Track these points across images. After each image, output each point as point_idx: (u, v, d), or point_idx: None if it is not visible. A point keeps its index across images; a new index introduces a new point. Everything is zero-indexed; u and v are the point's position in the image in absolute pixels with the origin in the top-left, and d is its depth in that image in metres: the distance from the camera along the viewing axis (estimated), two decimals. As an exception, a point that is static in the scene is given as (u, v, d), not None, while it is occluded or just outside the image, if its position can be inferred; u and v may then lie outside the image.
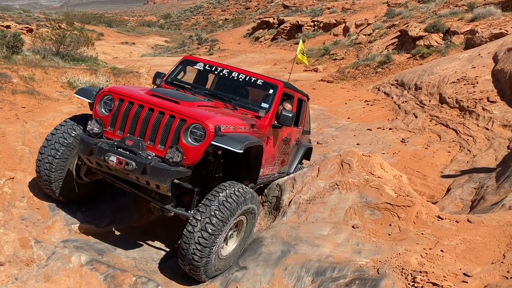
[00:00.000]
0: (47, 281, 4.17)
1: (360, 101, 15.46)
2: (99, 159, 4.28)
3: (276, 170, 6.27)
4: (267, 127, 5.32)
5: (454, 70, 13.82)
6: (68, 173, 4.90)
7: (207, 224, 4.22)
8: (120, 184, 4.73)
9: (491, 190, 7.00)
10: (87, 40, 12.98)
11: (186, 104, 4.54)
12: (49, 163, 4.74)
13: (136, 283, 4.39)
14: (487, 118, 10.79)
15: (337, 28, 33.22)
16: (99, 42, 33.80)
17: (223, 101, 5.35)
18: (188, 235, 4.26)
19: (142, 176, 4.18)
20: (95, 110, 4.61)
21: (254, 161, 5.09)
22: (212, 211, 4.25)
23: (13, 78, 7.52)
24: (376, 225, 5.15)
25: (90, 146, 4.31)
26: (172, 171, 4.16)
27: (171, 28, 70.31)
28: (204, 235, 4.21)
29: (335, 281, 4.35)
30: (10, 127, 5.87)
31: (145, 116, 4.38)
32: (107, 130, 4.53)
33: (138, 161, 4.13)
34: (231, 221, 4.39)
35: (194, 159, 4.31)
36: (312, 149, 7.68)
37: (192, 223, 4.27)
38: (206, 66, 5.88)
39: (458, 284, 3.99)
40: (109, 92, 4.60)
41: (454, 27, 19.12)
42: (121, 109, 4.48)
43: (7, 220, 4.61)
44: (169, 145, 4.28)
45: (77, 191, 5.09)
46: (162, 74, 5.85)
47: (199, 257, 4.27)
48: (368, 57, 21.40)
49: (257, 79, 5.67)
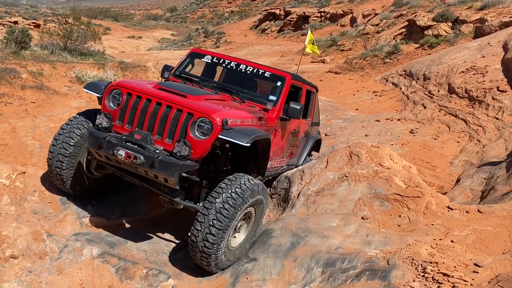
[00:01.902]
0: (60, 273, 4.22)
1: (368, 92, 15.37)
2: (108, 153, 4.32)
3: (285, 162, 6.26)
4: (275, 119, 5.30)
5: (463, 59, 13.67)
6: (79, 168, 4.95)
7: (217, 213, 4.25)
8: (129, 178, 4.76)
9: (502, 180, 6.94)
10: (94, 35, 13.00)
11: (193, 97, 4.55)
12: (60, 161, 4.80)
13: (147, 275, 4.44)
14: (497, 107, 10.68)
15: (344, 18, 32.93)
16: (106, 36, 33.86)
17: (230, 94, 5.35)
18: (199, 225, 4.30)
19: (150, 170, 4.21)
20: (103, 104, 4.64)
21: (262, 154, 5.10)
22: (223, 200, 4.29)
23: (22, 73, 7.57)
24: (385, 216, 5.14)
25: (99, 140, 4.34)
26: (180, 165, 4.19)
27: (177, 21, 70.20)
28: (215, 223, 4.24)
29: (345, 272, 4.36)
30: (20, 122, 5.92)
31: (153, 110, 4.40)
32: (115, 124, 4.55)
33: (146, 155, 4.16)
34: (241, 210, 4.42)
35: (202, 153, 4.33)
36: (321, 141, 7.64)
37: (203, 212, 4.30)
38: (214, 59, 5.87)
39: (468, 274, 3.98)
40: (117, 86, 4.62)
41: (463, 16, 18.89)
42: (129, 103, 4.51)
43: (20, 214, 4.67)
44: (176, 139, 4.30)
45: (88, 185, 5.15)
46: (170, 67, 5.86)
47: (210, 246, 4.29)
48: (376, 48, 21.23)
49: (265, 71, 5.65)
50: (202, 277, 4.71)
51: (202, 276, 4.72)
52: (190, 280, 4.66)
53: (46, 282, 4.10)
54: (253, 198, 4.56)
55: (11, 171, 5.04)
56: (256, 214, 4.92)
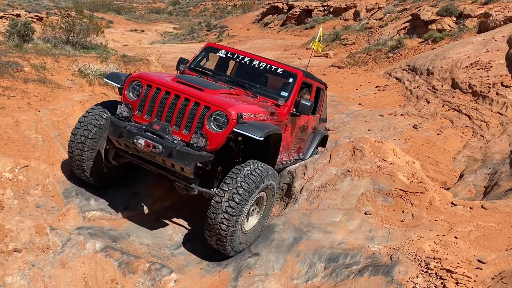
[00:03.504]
0: (63, 267, 4.23)
1: (371, 87, 15.31)
2: (127, 142, 4.52)
3: (293, 156, 6.44)
4: (285, 115, 5.47)
5: (467, 54, 13.58)
6: (98, 157, 5.14)
7: (234, 194, 4.42)
8: (146, 165, 4.92)
9: (505, 176, 6.92)
10: (97, 28, 12.94)
11: (210, 91, 4.73)
12: (82, 143, 4.95)
13: (150, 269, 4.45)
14: (501, 103, 10.62)
15: (347, 12, 32.78)
16: (108, 29, 33.76)
17: (244, 89, 5.52)
18: (216, 205, 4.46)
19: (168, 159, 4.40)
20: (123, 95, 4.84)
21: (273, 147, 5.28)
22: (239, 182, 4.46)
23: (24, 66, 7.55)
24: (388, 211, 5.13)
25: (120, 128, 4.54)
26: (196, 155, 4.38)
27: (180, 15, 69.92)
28: (231, 204, 4.40)
29: (348, 268, 4.35)
30: (23, 115, 5.91)
31: (171, 102, 4.59)
32: (135, 114, 4.75)
33: (164, 145, 4.36)
34: (255, 193, 4.59)
35: (217, 145, 4.50)
36: (328, 137, 7.83)
37: (220, 194, 4.47)
38: (228, 54, 6.05)
39: (472, 270, 3.97)
40: (137, 78, 4.81)
41: (467, 10, 18.76)
42: (148, 94, 4.70)
43: (23, 208, 4.67)
44: (193, 131, 4.48)
45: (106, 174, 5.35)
46: (186, 60, 6.02)
47: (226, 227, 4.44)
48: (379, 42, 21.12)
49: (277, 68, 5.81)
50: (204, 271, 4.72)
51: (205, 270, 4.73)
52: (193, 274, 4.67)
53: (49, 276, 4.11)
54: (265, 183, 4.71)
55: (14, 165, 5.03)
56: (267, 200, 5.08)
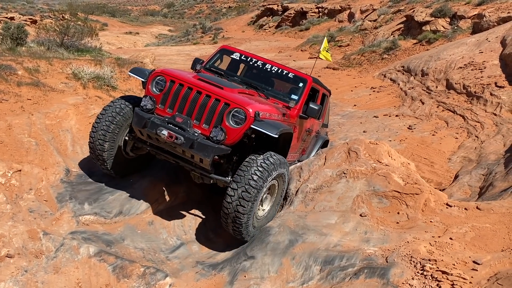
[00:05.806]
0: (56, 272, 4.19)
1: (366, 88, 15.34)
2: (151, 132, 4.78)
3: (297, 157, 6.69)
4: (295, 117, 5.84)
5: (461, 55, 13.64)
6: (118, 149, 5.39)
7: (250, 180, 4.65)
8: (165, 156, 5.17)
9: (500, 177, 6.93)
10: (91, 31, 12.86)
11: (229, 90, 5.02)
12: (103, 134, 5.18)
13: (144, 274, 4.41)
14: (495, 103, 10.66)
15: (342, 14, 32.89)
16: (103, 32, 33.71)
17: (257, 90, 5.80)
18: (230, 198, 4.70)
19: (189, 150, 4.68)
20: (147, 89, 5.10)
21: (283, 146, 5.52)
22: (253, 170, 4.70)
23: (18, 70, 7.49)
24: (384, 213, 5.12)
25: (144, 120, 4.81)
26: (215, 148, 4.67)
27: (174, 17, 69.87)
28: (248, 189, 4.64)
29: (344, 270, 4.34)
30: (16, 119, 5.86)
31: (193, 98, 4.89)
32: (157, 107, 5.03)
33: (186, 137, 4.65)
34: (268, 181, 4.82)
35: (234, 140, 4.79)
36: (328, 142, 8.04)
37: (236, 180, 4.70)
38: (242, 56, 6.43)
39: (468, 272, 3.96)
40: (161, 73, 5.09)
41: (461, 11, 18.85)
42: (172, 89, 4.98)
43: (16, 213, 4.62)
44: (213, 125, 4.78)
45: (125, 166, 5.61)
46: (201, 60, 6.36)
47: (241, 216, 4.70)
48: (374, 43, 21.20)
49: (288, 72, 6.19)
50: (200, 275, 4.69)
51: (200, 274, 4.70)
52: (188, 278, 4.64)
53: (42, 282, 4.07)
54: (277, 171, 4.93)
55: (7, 169, 4.99)
56: (278, 188, 5.35)
